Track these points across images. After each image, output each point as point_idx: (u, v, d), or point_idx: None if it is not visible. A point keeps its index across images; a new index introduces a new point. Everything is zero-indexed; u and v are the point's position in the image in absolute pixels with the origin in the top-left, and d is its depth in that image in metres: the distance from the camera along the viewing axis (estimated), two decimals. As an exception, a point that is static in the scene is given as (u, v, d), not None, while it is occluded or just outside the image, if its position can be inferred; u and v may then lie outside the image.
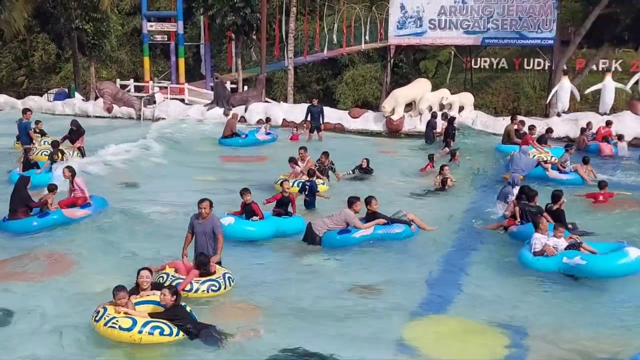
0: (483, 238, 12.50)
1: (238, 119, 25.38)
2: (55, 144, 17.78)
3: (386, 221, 12.03)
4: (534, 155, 18.08)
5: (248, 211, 12.15)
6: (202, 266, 9.47)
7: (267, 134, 23.72)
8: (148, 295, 8.48)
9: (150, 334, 7.78)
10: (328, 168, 16.80)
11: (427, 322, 8.81)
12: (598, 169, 17.63)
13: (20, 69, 44.41)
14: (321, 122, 23.93)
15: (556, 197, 12.42)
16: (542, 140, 20.06)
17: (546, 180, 16.39)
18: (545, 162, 17.50)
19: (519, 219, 12.31)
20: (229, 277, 9.67)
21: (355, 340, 8.20)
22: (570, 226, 11.97)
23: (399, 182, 17.75)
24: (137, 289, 8.59)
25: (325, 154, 16.89)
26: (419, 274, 10.59)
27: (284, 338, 8.11)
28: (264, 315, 8.96)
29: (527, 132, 20.23)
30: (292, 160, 16.36)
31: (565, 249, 10.49)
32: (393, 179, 18.01)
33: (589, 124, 22.29)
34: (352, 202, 11.96)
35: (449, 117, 22.43)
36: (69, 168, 13.75)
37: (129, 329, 7.74)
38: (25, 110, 20.38)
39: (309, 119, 24.03)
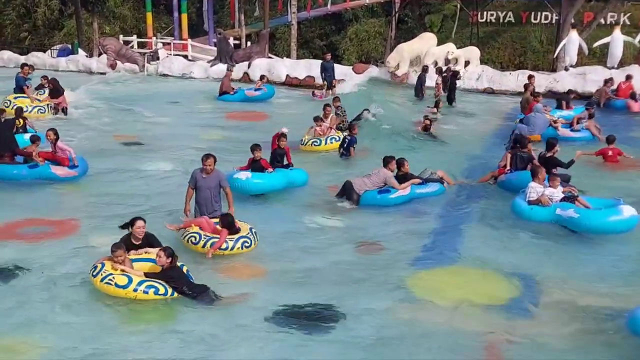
0: (477, 192, 12.57)
1: (241, 76, 25.32)
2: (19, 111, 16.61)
3: (421, 181, 12.26)
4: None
5: (257, 167, 12.28)
6: (230, 226, 9.54)
7: (257, 89, 23.52)
8: (147, 253, 8.52)
9: (145, 292, 7.93)
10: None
11: (429, 273, 8.92)
12: (625, 127, 17.47)
13: (24, 25, 44.03)
14: (334, 77, 23.93)
15: (550, 145, 12.36)
16: (563, 101, 19.43)
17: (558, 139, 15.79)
18: (555, 121, 16.99)
19: (508, 167, 12.36)
20: (255, 232, 9.82)
21: (358, 290, 8.37)
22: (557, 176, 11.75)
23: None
24: (129, 239, 8.59)
25: (337, 99, 17.38)
26: (419, 228, 10.74)
27: (282, 294, 8.23)
28: (268, 270, 9.10)
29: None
30: (318, 119, 16.41)
31: (561, 200, 10.51)
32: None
33: (610, 79, 21.40)
34: (388, 161, 12.08)
35: (452, 71, 22.25)
36: (53, 131, 13.51)
37: (124, 287, 7.90)
38: (23, 65, 20.32)
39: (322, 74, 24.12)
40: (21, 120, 15.86)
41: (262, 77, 24.98)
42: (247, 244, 9.59)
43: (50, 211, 11.37)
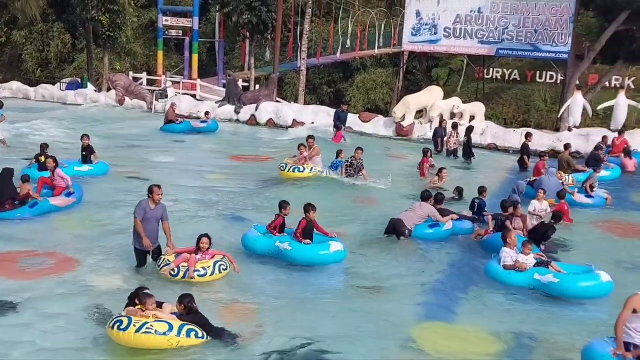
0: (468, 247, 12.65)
1: (248, 118, 25.68)
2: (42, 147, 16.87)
3: (458, 217, 12.95)
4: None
5: (308, 231, 11.14)
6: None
7: (203, 122, 25.56)
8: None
9: (187, 336, 7.72)
10: (360, 165, 16.95)
11: (426, 327, 8.94)
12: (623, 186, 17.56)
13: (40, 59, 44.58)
14: (344, 126, 24.39)
15: (557, 217, 12.44)
16: (594, 156, 19.28)
17: (573, 204, 15.24)
18: (563, 183, 16.41)
19: (491, 229, 12.58)
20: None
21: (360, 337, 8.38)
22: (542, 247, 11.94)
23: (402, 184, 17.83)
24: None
25: (360, 149, 17.13)
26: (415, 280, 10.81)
27: (287, 336, 8.23)
28: (269, 314, 9.06)
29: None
30: (302, 146, 17.05)
31: (535, 265, 10.59)
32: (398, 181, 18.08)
33: (604, 138, 21.56)
34: (427, 197, 12.82)
35: (467, 127, 22.45)
36: (53, 158, 14.14)
37: (165, 333, 7.60)
38: None
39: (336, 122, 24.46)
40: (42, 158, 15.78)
41: (206, 113, 26.56)
42: (223, 267, 10.12)
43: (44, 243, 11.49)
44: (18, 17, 38.18)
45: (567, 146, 19.48)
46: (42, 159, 15.62)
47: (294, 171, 16.67)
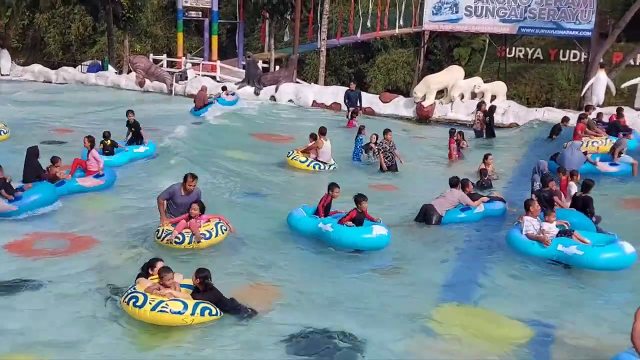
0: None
1: (268, 99, 25.79)
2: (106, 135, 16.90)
3: (488, 199, 13.04)
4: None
5: (360, 219, 10.96)
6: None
7: (232, 94, 26.46)
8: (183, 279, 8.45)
9: (202, 315, 7.82)
10: (393, 146, 16.77)
11: (448, 309, 8.86)
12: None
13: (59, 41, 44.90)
14: (358, 106, 24.19)
15: (586, 186, 12.13)
16: (616, 125, 18.66)
17: (598, 174, 15.15)
18: (585, 153, 16.15)
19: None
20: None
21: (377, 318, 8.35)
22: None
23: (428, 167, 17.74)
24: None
25: (389, 131, 16.96)
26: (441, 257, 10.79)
27: (306, 316, 8.27)
28: (289, 292, 9.11)
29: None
30: (312, 136, 17.01)
31: (557, 235, 10.44)
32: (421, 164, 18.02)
33: (599, 115, 20.08)
34: (455, 183, 12.80)
35: (489, 107, 22.21)
36: (89, 138, 14.19)
37: (181, 312, 7.71)
38: None
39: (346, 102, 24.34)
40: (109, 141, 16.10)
41: (223, 88, 26.96)
42: (223, 227, 10.49)
43: (67, 225, 11.60)
44: (39, 0, 38.32)
45: (587, 108, 19.00)
46: (108, 142, 15.99)
47: (296, 160, 16.60)
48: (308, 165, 16.43)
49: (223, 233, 10.40)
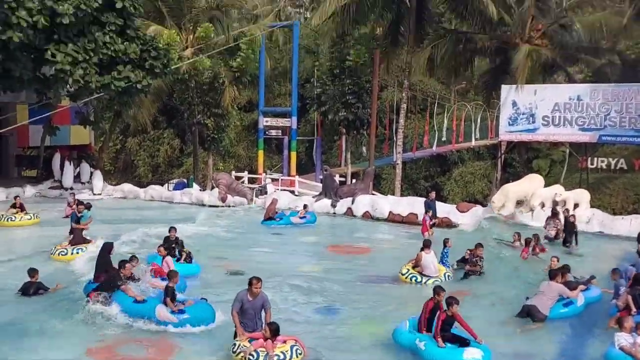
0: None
1: (345, 211, 26.01)
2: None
3: (585, 287, 13.17)
4: None
5: (448, 326, 10.30)
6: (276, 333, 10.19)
7: (302, 217, 25.33)
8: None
9: None
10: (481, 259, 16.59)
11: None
12: None
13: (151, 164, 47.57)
14: (435, 215, 24.00)
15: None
16: None
17: None
18: None
19: (634, 309, 11.49)
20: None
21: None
22: None
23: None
24: None
25: (481, 245, 16.66)
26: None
27: None
28: None
29: None
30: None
31: None
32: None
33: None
34: (554, 275, 12.78)
35: (567, 215, 21.54)
36: (164, 247, 15.04)
37: None
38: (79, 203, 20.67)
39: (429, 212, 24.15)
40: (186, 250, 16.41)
41: (304, 206, 26.76)
42: (299, 351, 10.21)
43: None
44: (130, 125, 41.06)
45: None
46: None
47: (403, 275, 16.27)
48: (406, 278, 16.07)
49: (297, 357, 10.17)
